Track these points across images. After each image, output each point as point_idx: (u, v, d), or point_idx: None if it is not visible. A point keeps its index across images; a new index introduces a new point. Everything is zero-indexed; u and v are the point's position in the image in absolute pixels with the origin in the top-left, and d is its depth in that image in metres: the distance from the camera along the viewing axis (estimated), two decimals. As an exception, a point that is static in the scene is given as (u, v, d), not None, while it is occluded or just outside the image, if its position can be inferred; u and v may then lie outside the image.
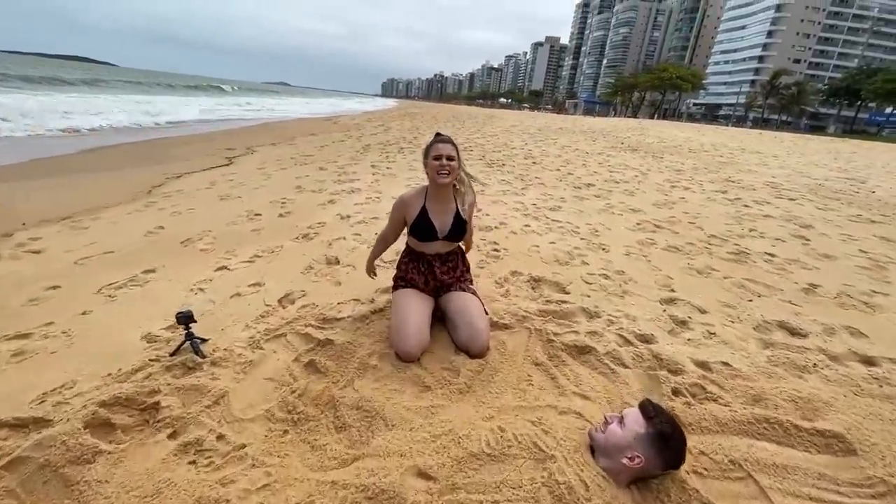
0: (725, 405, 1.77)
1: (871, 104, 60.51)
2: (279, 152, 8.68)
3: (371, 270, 2.44)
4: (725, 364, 2.05)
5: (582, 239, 3.90)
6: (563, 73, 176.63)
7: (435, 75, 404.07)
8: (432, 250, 2.20)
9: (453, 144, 2.07)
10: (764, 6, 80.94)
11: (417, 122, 19.98)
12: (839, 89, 60.29)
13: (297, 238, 3.60)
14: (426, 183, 2.18)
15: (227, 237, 3.56)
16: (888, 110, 58.91)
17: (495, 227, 4.10)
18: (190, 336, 2.00)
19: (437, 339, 2.14)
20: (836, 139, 31.96)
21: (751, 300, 2.80)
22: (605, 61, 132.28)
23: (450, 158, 2.03)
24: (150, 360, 1.93)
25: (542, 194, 5.79)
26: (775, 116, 67.43)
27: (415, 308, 2.07)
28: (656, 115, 75.23)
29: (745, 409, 1.74)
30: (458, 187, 2.16)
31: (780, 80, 62.33)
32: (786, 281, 3.15)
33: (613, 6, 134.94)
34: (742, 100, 75.85)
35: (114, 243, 3.31)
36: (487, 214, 4.50)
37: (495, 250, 3.48)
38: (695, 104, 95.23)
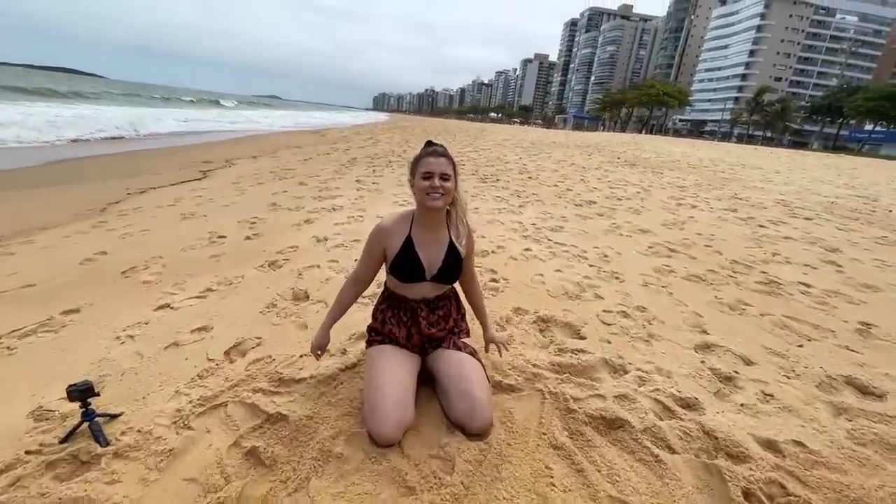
0: (819, 516, 1.29)
1: (852, 121, 62.11)
2: (258, 165, 8.17)
3: (319, 347, 1.70)
4: (799, 444, 1.58)
5: (591, 266, 3.43)
6: (552, 88, 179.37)
7: (426, 90, 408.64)
8: (417, 294, 1.70)
9: (448, 158, 1.58)
10: (745, 27, 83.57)
11: (407, 135, 19.63)
12: (821, 107, 61.76)
13: (262, 266, 3.08)
14: (413, 205, 1.69)
15: (179, 265, 3.03)
16: (868, 127, 60.39)
17: (492, 252, 3.62)
18: (89, 415, 1.48)
19: (423, 408, 1.64)
20: (832, 155, 32.38)
21: (801, 346, 2.34)
22: (592, 78, 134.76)
23: (444, 177, 1.54)
24: (29, 451, 1.40)
25: (542, 213, 5.35)
26: (760, 132, 68.72)
27: (394, 374, 1.57)
28: (644, 130, 76.26)
29: (847, 523, 1.27)
30: (451, 213, 1.67)
31: (765, 96, 63.76)
32: (833, 319, 2.70)
33: (600, 25, 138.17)
34: (727, 116, 77.41)
35: (39, 274, 2.77)
36: (483, 236, 4.03)
37: (493, 280, 3.00)
38: (681, 120, 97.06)
